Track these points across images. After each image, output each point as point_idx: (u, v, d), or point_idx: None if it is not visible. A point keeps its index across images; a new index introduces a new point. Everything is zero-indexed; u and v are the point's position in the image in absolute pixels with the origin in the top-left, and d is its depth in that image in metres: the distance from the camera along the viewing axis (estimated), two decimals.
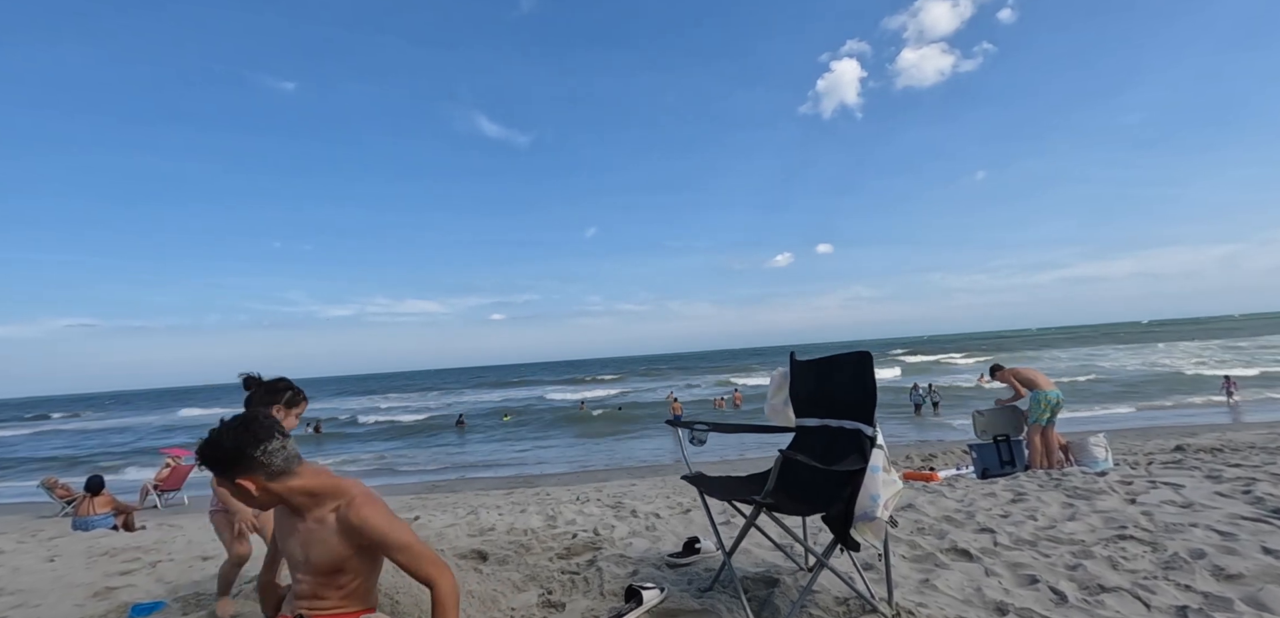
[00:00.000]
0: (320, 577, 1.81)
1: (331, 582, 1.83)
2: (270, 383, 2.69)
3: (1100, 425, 14.06)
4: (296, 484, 1.77)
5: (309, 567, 1.81)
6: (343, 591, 1.85)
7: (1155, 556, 2.70)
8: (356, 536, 1.80)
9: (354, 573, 1.86)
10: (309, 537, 1.79)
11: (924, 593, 2.51)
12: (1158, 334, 69.95)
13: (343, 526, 1.79)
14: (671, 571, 2.96)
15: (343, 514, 1.78)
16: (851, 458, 2.24)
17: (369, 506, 1.83)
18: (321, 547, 1.79)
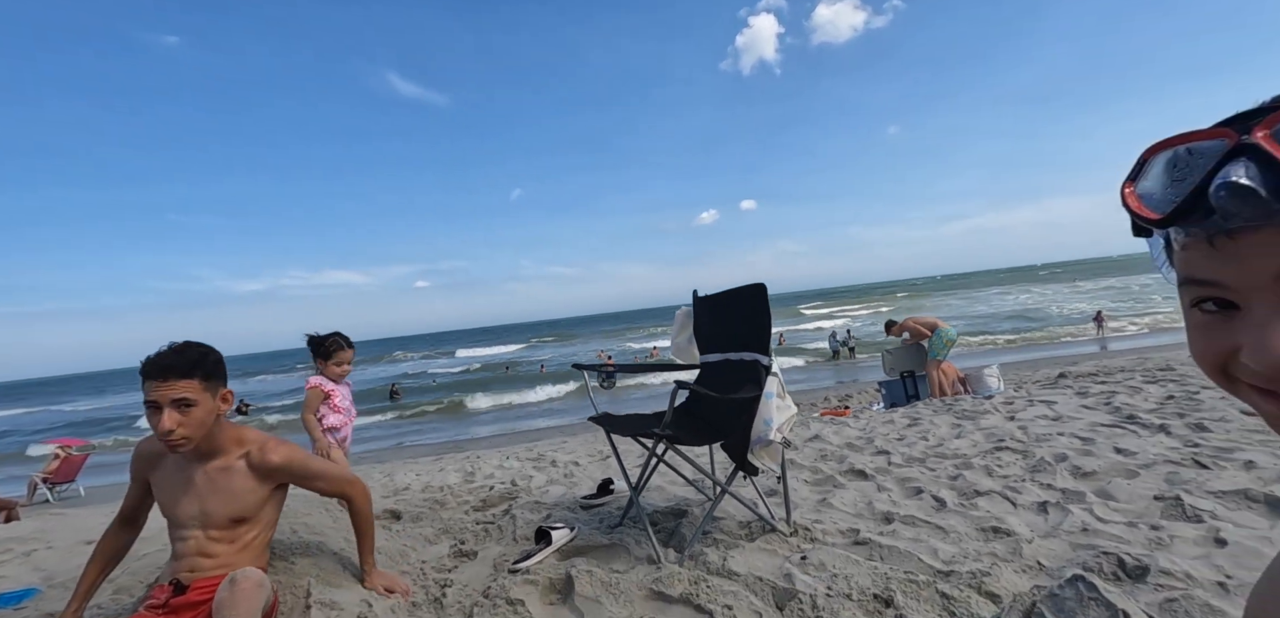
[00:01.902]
0: (216, 530, 1.76)
1: (229, 535, 1.78)
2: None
3: (992, 359, 15.22)
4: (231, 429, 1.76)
5: (204, 521, 1.75)
6: (238, 544, 1.80)
7: (1025, 462, 2.96)
8: (276, 474, 1.82)
9: (256, 523, 1.84)
10: (209, 487, 1.75)
11: (820, 511, 2.65)
12: (1049, 277, 75.92)
13: (259, 469, 1.77)
14: (584, 511, 2.99)
15: (256, 458, 1.79)
16: (748, 387, 2.32)
17: (284, 445, 1.86)
18: (223, 497, 1.75)
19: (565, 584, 2.17)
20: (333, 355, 3.13)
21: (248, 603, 1.59)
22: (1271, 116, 0.40)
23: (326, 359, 3.13)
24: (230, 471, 1.74)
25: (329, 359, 3.13)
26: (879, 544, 2.19)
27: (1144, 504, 2.32)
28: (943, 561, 2.03)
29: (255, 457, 1.77)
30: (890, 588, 1.85)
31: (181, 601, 1.68)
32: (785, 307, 62.21)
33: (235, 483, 1.74)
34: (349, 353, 3.18)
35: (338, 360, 3.14)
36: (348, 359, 3.18)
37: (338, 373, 3.16)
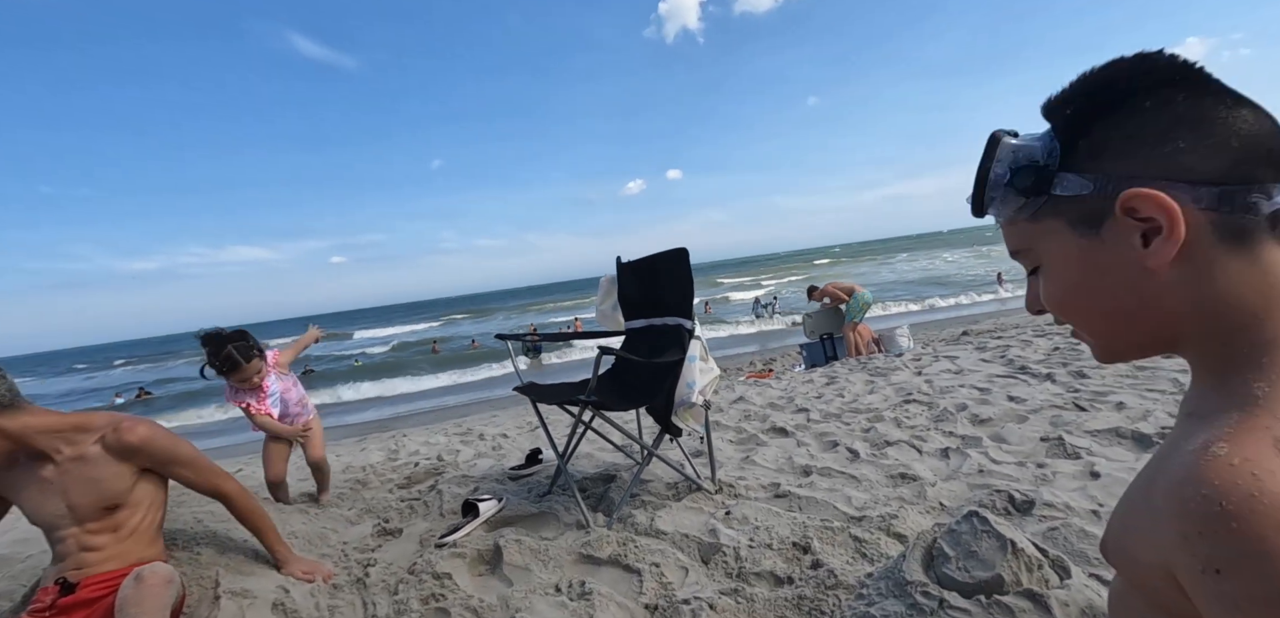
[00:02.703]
0: (92, 522, 1.64)
1: (106, 524, 1.66)
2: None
3: (904, 321, 16.14)
4: (34, 422, 1.57)
5: (75, 516, 1.63)
6: (121, 532, 1.68)
7: (930, 413, 3.16)
8: (136, 456, 1.70)
9: (134, 507, 1.71)
10: (67, 480, 1.61)
11: (744, 469, 2.75)
12: (953, 242, 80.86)
13: (117, 451, 1.66)
14: (513, 482, 2.97)
15: (112, 440, 1.66)
16: (672, 351, 2.36)
17: (143, 423, 1.72)
18: (88, 486, 1.62)
19: (493, 555, 2.16)
20: (229, 376, 2.61)
21: (155, 600, 1.49)
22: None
23: (226, 376, 2.61)
24: (86, 458, 1.62)
25: (228, 376, 2.61)
26: (798, 496, 2.30)
27: (1032, 445, 2.54)
28: (855, 507, 2.15)
29: (110, 438, 1.65)
30: (808, 535, 1.95)
31: (71, 600, 1.56)
32: (709, 276, 63.42)
33: (94, 470, 1.62)
34: (246, 371, 2.61)
35: (238, 376, 2.62)
36: (249, 376, 2.64)
37: (242, 387, 2.68)
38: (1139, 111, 0.55)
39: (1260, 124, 0.53)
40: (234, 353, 2.55)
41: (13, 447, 1.55)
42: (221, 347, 2.54)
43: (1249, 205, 0.52)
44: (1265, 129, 0.53)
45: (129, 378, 29.88)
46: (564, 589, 1.86)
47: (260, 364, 2.67)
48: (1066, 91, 0.59)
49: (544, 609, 1.77)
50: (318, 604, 1.92)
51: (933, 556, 1.51)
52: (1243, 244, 0.53)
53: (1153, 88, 0.55)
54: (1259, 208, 0.52)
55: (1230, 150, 0.52)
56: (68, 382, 39.26)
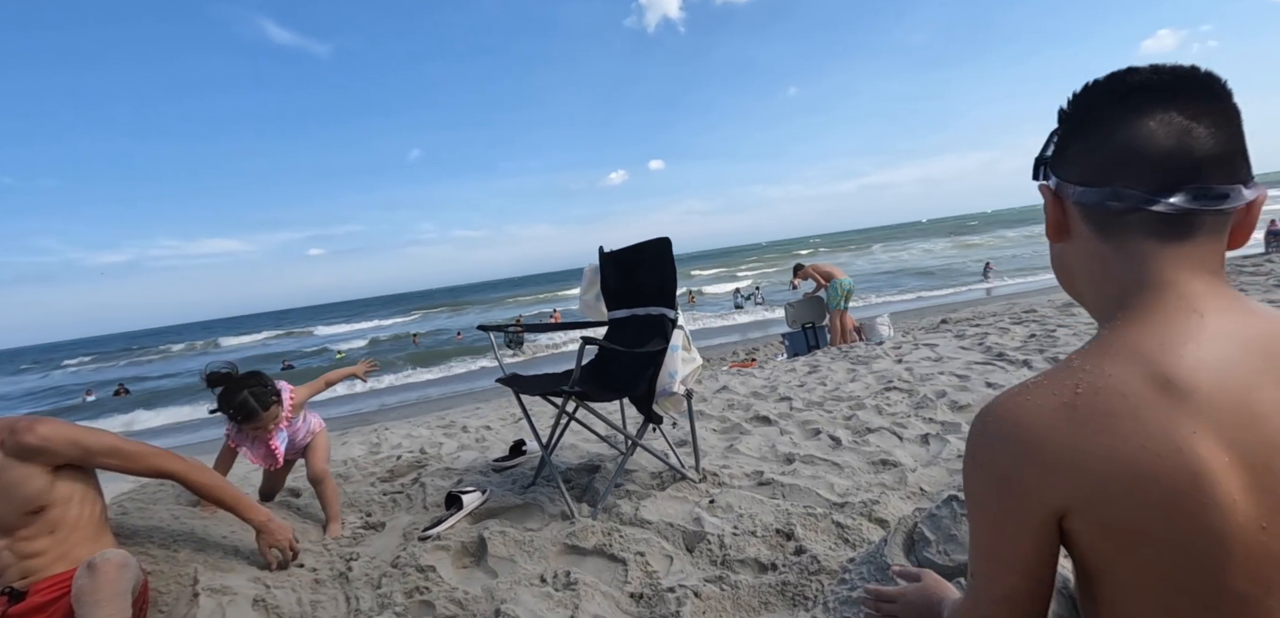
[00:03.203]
0: (22, 529, 1.58)
1: (40, 528, 1.60)
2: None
3: (886, 309, 16.33)
4: None
5: (2, 528, 1.56)
6: (58, 532, 1.62)
7: (911, 400, 3.20)
8: (40, 455, 1.60)
9: (64, 504, 1.64)
10: None
11: (728, 457, 2.76)
12: (933, 231, 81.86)
13: (18, 453, 1.57)
14: (497, 474, 2.96)
15: (11, 445, 1.56)
16: (655, 341, 2.36)
17: (43, 422, 1.64)
18: (2, 493, 1.54)
19: (478, 547, 2.15)
20: (242, 426, 2.32)
21: (112, 587, 1.45)
22: None
23: (241, 423, 2.31)
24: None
25: (245, 422, 2.30)
26: (781, 484, 2.31)
27: None
28: (838, 493, 2.18)
29: (9, 443, 1.56)
30: (791, 522, 1.97)
31: (22, 608, 1.52)
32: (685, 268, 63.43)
33: (4, 476, 1.55)
34: (262, 419, 2.30)
35: (250, 433, 2.35)
36: (265, 423, 2.32)
37: (258, 436, 2.38)
38: (1071, 119, 0.72)
39: (1149, 138, 0.64)
40: (250, 400, 2.26)
41: None
42: (236, 392, 2.26)
43: (1103, 205, 0.67)
44: (1147, 143, 0.64)
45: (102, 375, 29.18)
46: (549, 580, 1.86)
47: (278, 411, 2.35)
48: (1073, 96, 0.74)
49: (529, 600, 1.76)
50: (299, 600, 1.90)
51: (914, 540, 1.54)
52: (1108, 234, 0.68)
53: (1083, 102, 0.71)
54: (1111, 208, 0.66)
55: (1099, 157, 0.67)
56: (31, 380, 38.26)
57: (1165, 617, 0.60)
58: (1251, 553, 0.56)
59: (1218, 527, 0.56)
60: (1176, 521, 0.56)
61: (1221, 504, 0.55)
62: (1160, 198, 0.63)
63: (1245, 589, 0.57)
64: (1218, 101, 0.64)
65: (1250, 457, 0.56)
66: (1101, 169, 0.67)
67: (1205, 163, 0.63)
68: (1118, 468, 0.57)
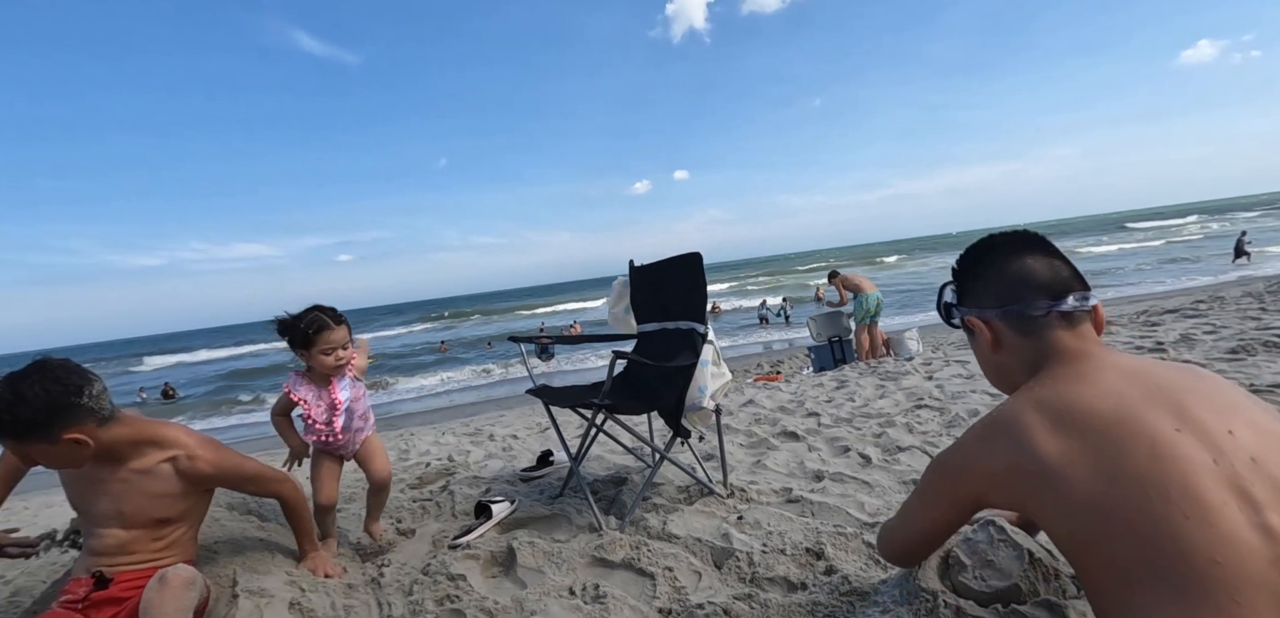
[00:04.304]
0: (138, 530, 1.68)
1: (151, 533, 1.70)
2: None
3: (913, 324, 16.08)
4: (123, 432, 1.61)
5: (123, 521, 1.66)
6: (163, 541, 1.72)
7: (942, 419, 3.16)
8: (204, 482, 1.75)
9: (181, 521, 1.77)
10: (127, 489, 1.65)
11: (755, 473, 2.75)
12: (963, 243, 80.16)
13: (186, 476, 1.69)
14: (525, 484, 2.99)
15: (184, 465, 1.68)
16: (684, 355, 2.36)
17: (210, 449, 1.80)
18: (144, 499, 1.66)
19: (507, 557, 2.17)
20: (314, 340, 2.13)
21: (176, 602, 1.51)
22: None
23: (307, 348, 2.15)
24: (153, 474, 1.64)
25: (309, 347, 2.14)
26: (810, 501, 2.30)
27: None
28: (868, 513, 2.15)
29: (183, 464, 1.67)
30: (821, 541, 1.95)
31: (104, 595, 1.58)
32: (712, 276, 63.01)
33: (158, 486, 1.64)
34: (336, 333, 2.15)
35: (322, 345, 2.14)
36: (336, 343, 2.16)
37: (327, 364, 2.16)
38: (969, 270, 1.19)
39: (1033, 270, 1.08)
40: (322, 313, 2.15)
41: (101, 454, 1.57)
42: (307, 312, 2.16)
43: (1022, 314, 1.07)
44: (1034, 273, 1.07)
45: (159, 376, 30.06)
46: (578, 592, 1.87)
47: (346, 336, 2.20)
48: (958, 260, 1.22)
49: (558, 612, 1.78)
50: (333, 604, 1.93)
51: (949, 564, 1.51)
52: (1029, 333, 1.07)
53: (976, 257, 1.17)
54: (1027, 314, 1.06)
55: (1001, 287, 1.10)
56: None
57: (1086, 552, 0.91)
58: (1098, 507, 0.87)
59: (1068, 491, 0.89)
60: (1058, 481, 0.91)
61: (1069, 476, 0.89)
62: (1062, 302, 1.04)
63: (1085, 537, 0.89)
64: (1052, 247, 1.11)
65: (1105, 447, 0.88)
66: (1007, 294, 1.08)
67: (1070, 280, 1.06)
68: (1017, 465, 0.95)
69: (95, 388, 1.56)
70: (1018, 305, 1.06)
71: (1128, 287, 20.56)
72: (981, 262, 1.14)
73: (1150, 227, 56.65)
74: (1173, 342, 4.23)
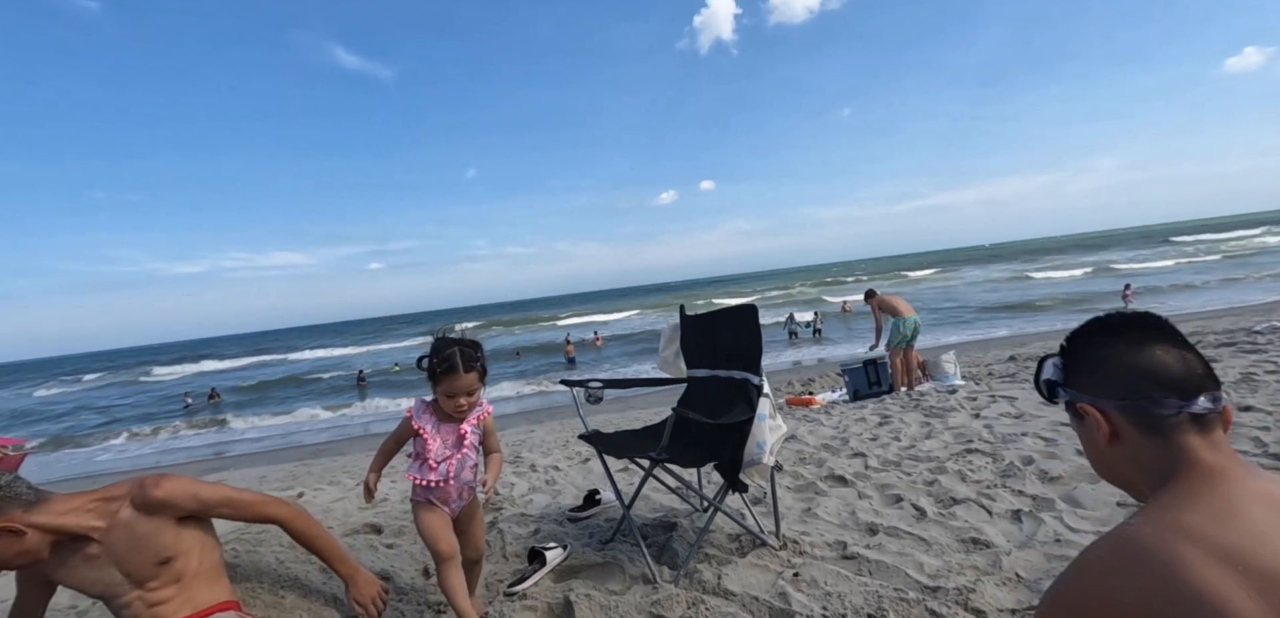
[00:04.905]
0: (151, 581, 1.70)
1: (166, 578, 1.72)
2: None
3: (950, 341, 15.78)
4: (63, 508, 1.63)
5: (132, 580, 1.68)
6: (183, 580, 1.74)
7: (995, 465, 3.09)
8: (165, 509, 1.72)
9: (187, 554, 1.76)
10: (113, 549, 1.66)
11: (807, 522, 2.73)
12: (997, 255, 78.84)
13: (146, 507, 1.68)
14: (573, 524, 3.01)
15: (140, 499, 1.68)
16: (740, 407, 2.36)
17: (166, 478, 1.77)
18: (135, 547, 1.67)
19: (563, 609, 2.18)
20: (439, 380, 1.97)
21: None
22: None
23: (434, 382, 2.00)
24: (122, 524, 1.65)
25: (435, 384, 2.00)
26: (867, 559, 2.27)
27: (1108, 511, 2.46)
28: (928, 575, 2.12)
29: (138, 498, 1.67)
30: (883, 606, 1.93)
31: None
32: (734, 289, 62.72)
33: (135, 531, 1.66)
34: (460, 380, 1.95)
35: (445, 387, 1.96)
36: (460, 390, 1.96)
37: (447, 409, 1.99)
38: (1084, 351, 1.02)
39: (1164, 363, 0.93)
40: (457, 355, 1.96)
41: (50, 538, 1.61)
42: (447, 344, 2.00)
43: (1148, 412, 0.92)
44: (1164, 367, 0.93)
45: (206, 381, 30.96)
46: None
47: (473, 385, 2.00)
48: (1069, 335, 1.06)
49: None
50: None
51: None
52: (1156, 434, 0.92)
53: (1094, 338, 1.02)
54: (1155, 413, 0.92)
55: (1127, 380, 0.95)
56: (133, 386, 40.72)
57: None
58: None
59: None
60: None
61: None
62: (1193, 402, 0.91)
63: None
64: (1181, 336, 0.97)
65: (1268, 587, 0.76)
66: (1131, 387, 0.95)
67: (1203, 378, 0.93)
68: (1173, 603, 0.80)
69: (3, 479, 1.60)
70: (1144, 401, 0.93)
71: (1170, 299, 19.92)
72: (1101, 344, 1.00)
73: (1195, 241, 54.81)
74: (1233, 382, 4.09)
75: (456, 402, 1.96)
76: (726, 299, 47.89)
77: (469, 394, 1.98)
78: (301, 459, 11.36)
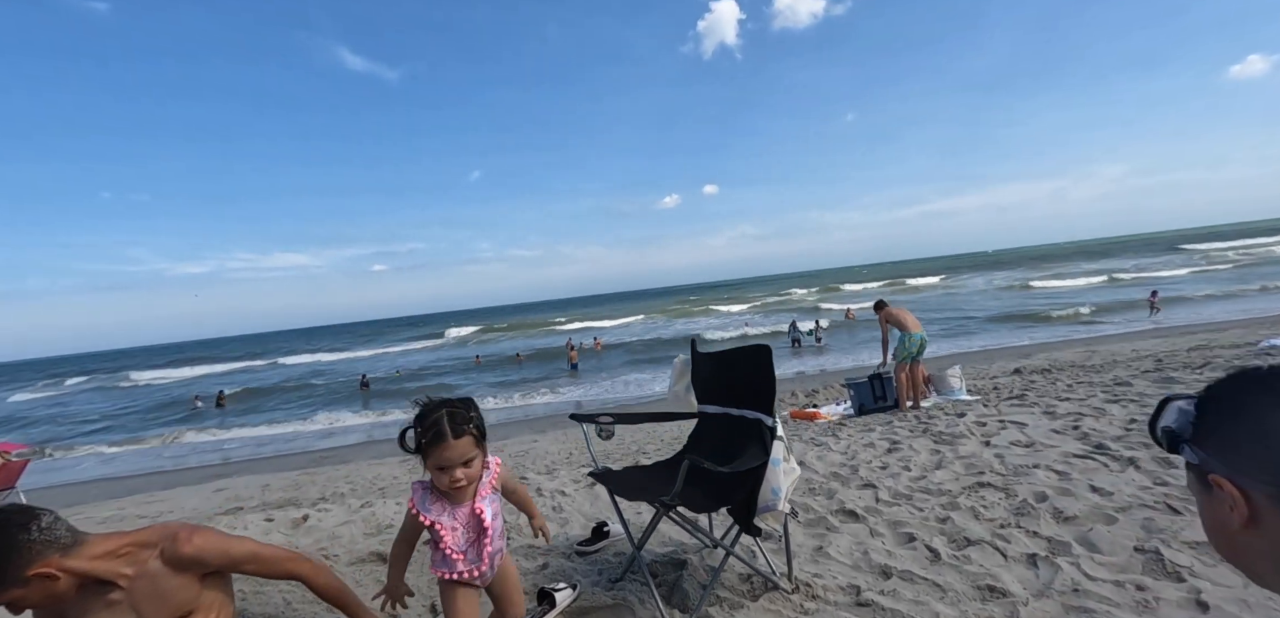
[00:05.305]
0: None
1: None
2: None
3: (956, 351, 15.73)
4: (96, 551, 1.62)
5: None
6: None
7: (1009, 503, 3.06)
8: (194, 565, 1.72)
9: (206, 609, 1.77)
10: (136, 599, 1.65)
11: (819, 562, 2.70)
12: (1000, 262, 78.72)
13: (175, 563, 1.68)
14: (581, 558, 2.98)
15: (171, 553, 1.67)
16: (753, 451, 2.34)
17: (197, 533, 1.76)
18: (157, 600, 1.66)
19: None
20: (429, 452, 1.69)
21: None
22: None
23: (423, 457, 1.71)
24: (148, 575, 1.64)
25: (425, 458, 1.71)
26: (882, 607, 2.24)
27: (1126, 557, 2.43)
28: None
29: (168, 551, 1.66)
30: None
31: None
32: (740, 291, 62.65)
33: (160, 585, 1.65)
34: (451, 448, 1.67)
35: (435, 460, 1.69)
36: (453, 459, 1.68)
37: (441, 483, 1.72)
38: (1228, 415, 0.80)
39: None
40: (445, 422, 1.68)
41: (79, 582, 1.60)
42: (431, 412, 1.72)
43: None
44: None
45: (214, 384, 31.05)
46: None
47: (469, 450, 1.71)
48: (1211, 386, 0.84)
49: None
50: None
51: None
52: None
53: (1243, 401, 0.79)
54: None
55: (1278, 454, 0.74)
56: (139, 388, 40.83)
57: None
58: None
59: None
60: None
61: None
62: None
63: None
64: None
65: None
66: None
67: None
68: None
69: (43, 521, 1.58)
70: None
71: (1204, 309, 19.82)
72: (1254, 408, 0.80)
73: (1206, 248, 54.61)
74: None
75: (451, 475, 1.68)
76: (729, 306, 47.88)
77: (465, 464, 1.69)
78: (304, 468, 11.35)
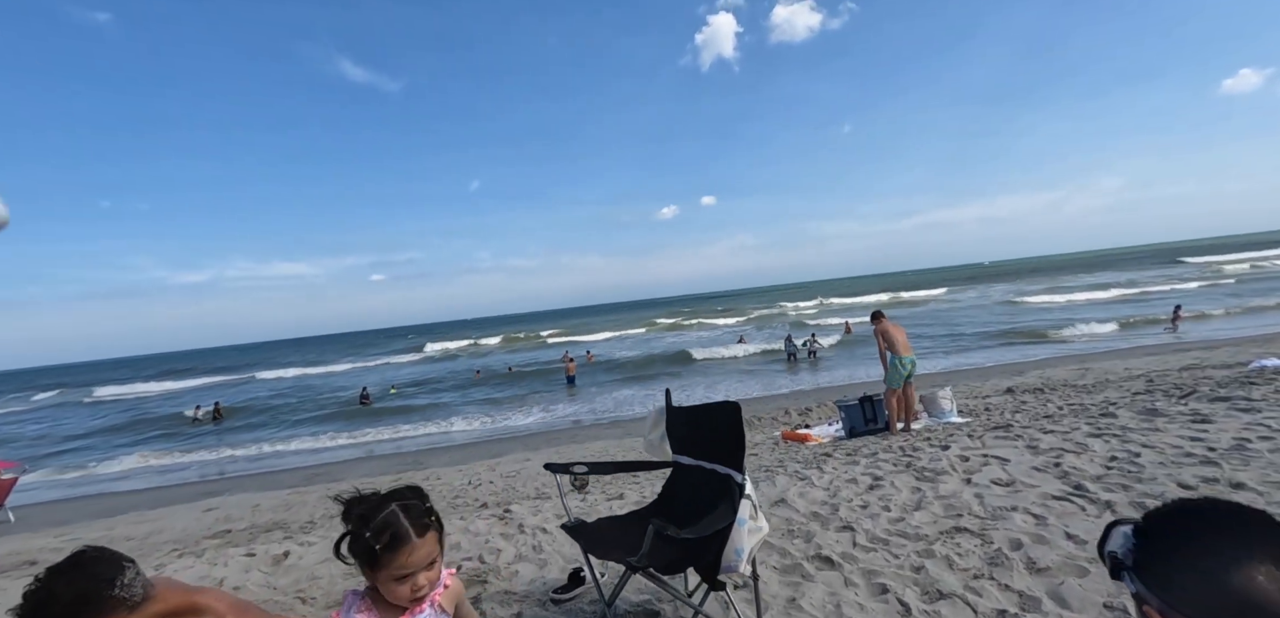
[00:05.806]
0: None
1: None
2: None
3: (949, 368, 15.77)
4: (156, 609, 1.61)
5: None
6: None
7: (984, 551, 3.06)
8: None
9: None
10: None
11: (791, 615, 2.70)
12: (997, 274, 78.97)
13: None
14: (556, 606, 2.98)
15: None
16: (723, 509, 2.34)
17: (241, 613, 1.73)
18: None
19: None
20: (381, 561, 1.38)
21: None
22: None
23: (372, 567, 1.40)
24: None
25: (375, 568, 1.39)
26: None
27: (1095, 613, 2.43)
28: None
29: None
30: None
31: None
32: (736, 303, 62.68)
33: None
34: (416, 551, 1.39)
35: (395, 570, 1.38)
36: (417, 564, 1.40)
37: (401, 596, 1.41)
38: (1167, 551, 0.81)
39: (1263, 587, 0.73)
40: (401, 518, 1.40)
41: None
42: (376, 511, 1.41)
43: None
44: (1262, 595, 0.73)
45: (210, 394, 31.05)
46: None
47: (433, 552, 1.44)
48: (1153, 514, 0.86)
49: None
50: None
51: None
52: None
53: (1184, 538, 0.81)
54: None
55: (1217, 597, 0.75)
56: (136, 399, 40.76)
57: None
58: None
59: None
60: None
61: None
62: None
63: None
64: None
65: None
66: (1221, 610, 0.75)
67: None
68: None
69: (127, 576, 1.57)
70: None
71: (1224, 326, 19.87)
72: (1191, 549, 0.80)
73: (1212, 262, 54.72)
74: (1225, 450, 4.06)
75: (413, 582, 1.40)
76: (725, 320, 47.89)
77: (429, 566, 1.43)
78: (294, 487, 11.32)
